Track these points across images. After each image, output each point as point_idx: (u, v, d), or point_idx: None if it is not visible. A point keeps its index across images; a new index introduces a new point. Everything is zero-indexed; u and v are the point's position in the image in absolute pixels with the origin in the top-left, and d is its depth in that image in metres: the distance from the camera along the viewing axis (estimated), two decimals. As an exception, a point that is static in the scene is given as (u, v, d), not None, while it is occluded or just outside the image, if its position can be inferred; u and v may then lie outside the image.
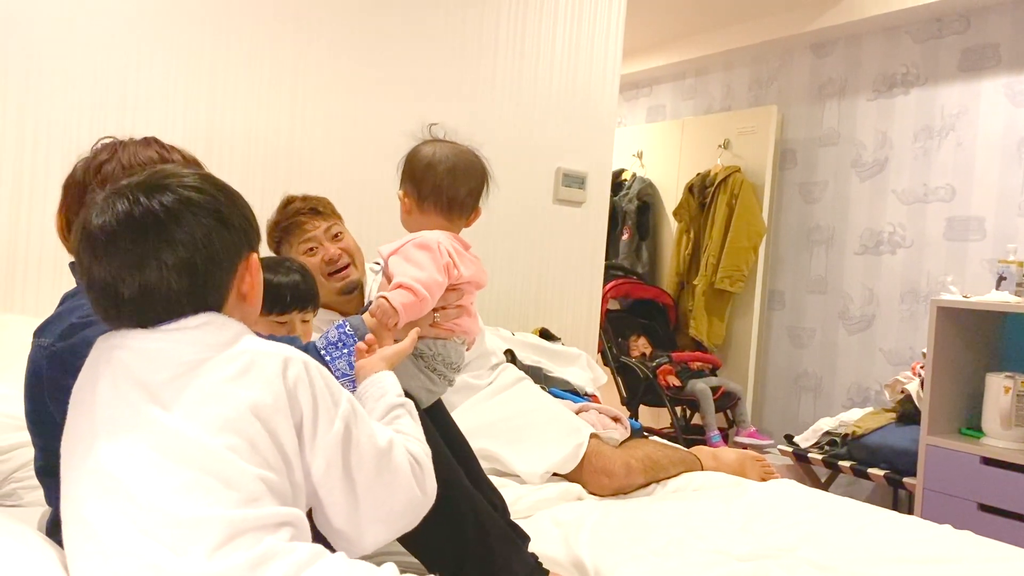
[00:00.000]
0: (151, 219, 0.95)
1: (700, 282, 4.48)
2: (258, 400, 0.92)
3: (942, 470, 2.95)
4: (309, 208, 2.11)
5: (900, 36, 4.02)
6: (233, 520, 0.84)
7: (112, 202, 0.96)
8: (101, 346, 0.99)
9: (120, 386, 0.93)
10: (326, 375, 1.00)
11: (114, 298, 0.95)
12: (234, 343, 0.96)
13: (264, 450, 0.91)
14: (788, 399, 4.49)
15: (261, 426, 0.91)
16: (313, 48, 2.80)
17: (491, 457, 2.04)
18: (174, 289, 0.95)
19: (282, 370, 0.95)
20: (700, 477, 2.18)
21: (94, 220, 0.96)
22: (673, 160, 4.96)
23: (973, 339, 3.10)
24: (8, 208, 2.31)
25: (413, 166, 1.51)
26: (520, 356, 2.81)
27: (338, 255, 2.09)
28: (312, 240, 2.09)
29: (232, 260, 1.00)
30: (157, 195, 0.96)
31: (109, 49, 2.43)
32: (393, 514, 1.02)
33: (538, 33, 3.32)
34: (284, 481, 0.92)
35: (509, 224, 3.26)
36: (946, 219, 3.81)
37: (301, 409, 0.95)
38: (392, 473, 1.02)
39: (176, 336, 0.95)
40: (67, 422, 0.98)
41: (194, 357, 0.94)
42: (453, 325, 1.45)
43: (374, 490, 1.00)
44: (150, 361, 0.94)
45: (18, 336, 2.16)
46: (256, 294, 1.06)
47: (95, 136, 2.39)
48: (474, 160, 1.53)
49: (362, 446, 0.99)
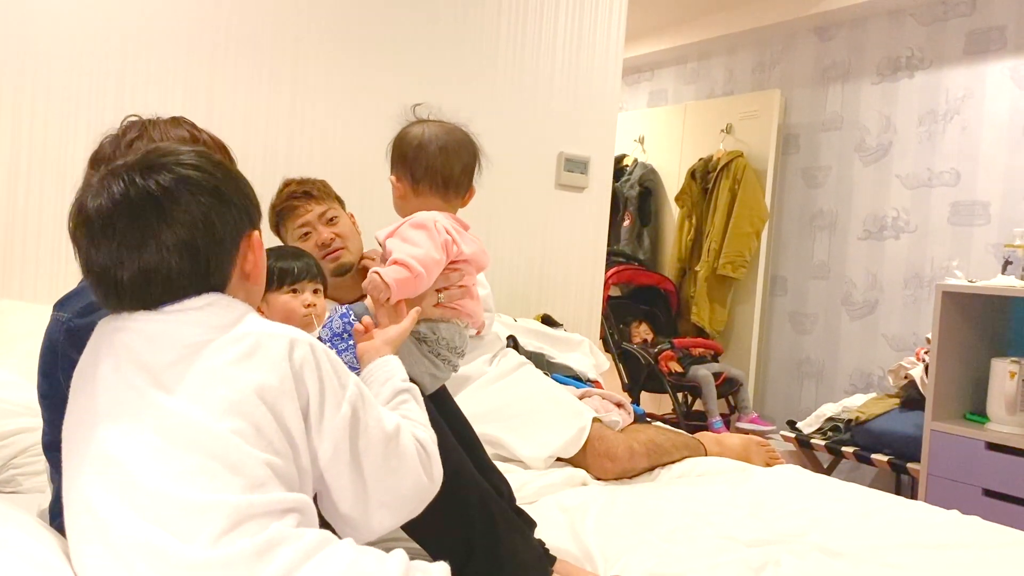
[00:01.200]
0: (148, 200, 0.92)
1: (702, 268, 4.46)
2: (264, 383, 0.90)
3: (946, 456, 2.94)
4: (303, 192, 2.09)
5: (905, 19, 3.98)
6: (239, 506, 0.82)
7: (108, 183, 0.94)
8: (103, 328, 0.97)
9: (122, 369, 0.92)
10: (333, 358, 0.98)
11: (113, 282, 0.93)
12: (238, 323, 0.94)
13: (270, 434, 0.89)
14: (790, 385, 4.48)
15: (267, 409, 0.89)
16: (313, 33, 2.76)
17: (495, 442, 2.03)
18: (175, 270, 0.93)
19: (288, 352, 0.93)
20: (705, 462, 2.17)
21: (90, 203, 0.93)
22: (675, 145, 4.93)
23: (978, 324, 3.08)
24: (6, 193, 2.29)
25: (403, 149, 1.49)
26: (522, 342, 2.79)
27: (331, 239, 2.07)
28: (307, 224, 2.07)
29: (234, 238, 0.98)
30: (154, 175, 0.94)
31: (106, 35, 2.40)
32: (400, 499, 1.00)
33: (540, 17, 3.29)
34: (290, 466, 0.90)
35: (511, 209, 3.24)
36: (951, 204, 3.78)
37: (307, 392, 0.94)
38: (399, 458, 1.00)
39: (179, 318, 0.93)
40: (69, 405, 0.96)
41: (197, 339, 0.92)
42: (457, 306, 1.43)
43: (381, 475, 0.98)
44: (152, 343, 0.92)
45: (17, 322, 2.14)
46: (260, 272, 1.03)
47: (93, 121, 2.39)
48: (464, 137, 1.51)
49: (370, 430, 0.98)
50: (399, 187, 1.50)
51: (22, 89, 2.30)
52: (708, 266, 4.43)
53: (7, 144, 2.28)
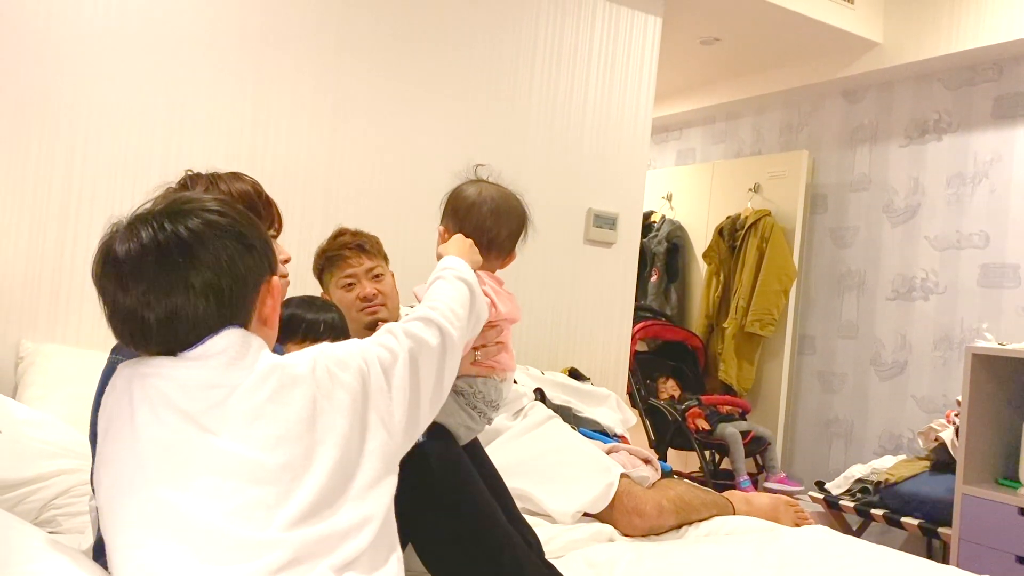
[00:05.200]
0: (177, 244, 0.96)
1: (730, 325, 4.46)
2: (300, 412, 0.94)
3: (979, 520, 2.89)
4: (357, 244, 2.15)
5: (932, 83, 4.03)
6: (293, 543, 0.85)
7: (136, 229, 0.97)
8: (129, 372, 0.99)
9: (161, 415, 0.94)
10: (329, 352, 1.04)
11: (140, 324, 0.96)
12: (258, 361, 0.98)
13: (331, 444, 0.94)
14: (819, 445, 4.43)
15: (318, 425, 0.94)
16: (353, 89, 2.86)
17: (522, 496, 2.03)
18: (201, 311, 0.96)
19: (311, 371, 0.98)
20: (733, 521, 2.16)
21: (118, 247, 0.96)
22: (703, 203, 4.97)
23: (1009, 387, 3.05)
24: (56, 239, 2.37)
25: (457, 204, 1.54)
26: (550, 395, 2.81)
27: (374, 294, 2.11)
28: (353, 276, 2.12)
29: (256, 282, 1.02)
30: (181, 220, 0.97)
31: (153, 82, 2.51)
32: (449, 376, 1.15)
33: (572, 77, 3.38)
34: (361, 452, 0.98)
35: (541, 263, 3.28)
36: (980, 265, 3.78)
37: (349, 381, 1.01)
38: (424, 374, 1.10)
39: (206, 363, 0.96)
40: (102, 449, 0.98)
41: (227, 383, 0.95)
42: (494, 362, 1.46)
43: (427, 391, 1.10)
44: (186, 390, 0.95)
45: (61, 366, 2.20)
46: (275, 318, 1.08)
47: (139, 167, 2.48)
48: (516, 204, 1.56)
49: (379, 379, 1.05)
50: (445, 237, 1.55)
51: (74, 135, 2.40)
52: (736, 323, 4.43)
53: (59, 191, 2.38)
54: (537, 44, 3.28)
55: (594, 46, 3.43)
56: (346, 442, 0.96)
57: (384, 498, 0.98)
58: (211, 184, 1.33)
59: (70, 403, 2.07)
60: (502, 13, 3.19)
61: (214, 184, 1.33)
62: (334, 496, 0.93)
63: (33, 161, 2.35)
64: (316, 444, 0.93)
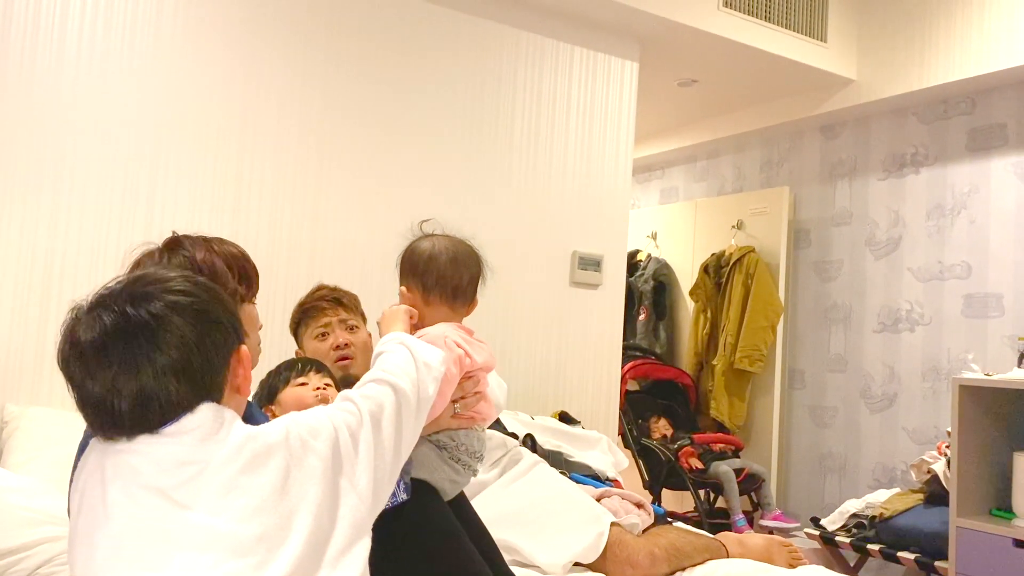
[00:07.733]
0: (141, 328, 0.95)
1: (719, 362, 4.47)
2: (274, 482, 0.95)
3: (974, 553, 2.88)
4: (334, 297, 2.16)
5: (907, 117, 4.09)
6: None
7: (99, 315, 0.97)
8: (102, 448, 0.98)
9: (135, 494, 0.93)
10: (301, 420, 1.04)
11: (110, 412, 0.95)
12: (231, 435, 0.98)
13: (304, 513, 0.94)
14: (813, 480, 4.42)
15: (291, 494, 0.94)
16: (334, 147, 2.89)
17: (511, 548, 2.01)
18: (172, 393, 0.96)
19: (284, 440, 0.98)
20: (727, 564, 2.14)
21: (82, 335, 0.97)
22: (687, 240, 5.01)
23: (998, 417, 3.06)
24: (40, 299, 2.37)
25: (414, 260, 1.55)
26: (540, 440, 2.80)
27: (346, 343, 2.11)
28: (327, 326, 2.12)
29: (224, 356, 1.03)
30: (144, 303, 0.97)
31: (136, 138, 2.54)
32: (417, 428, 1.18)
33: (552, 122, 3.42)
34: (334, 519, 0.98)
35: (526, 307, 3.29)
36: (964, 296, 3.81)
37: (320, 447, 1.01)
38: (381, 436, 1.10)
39: (181, 440, 0.96)
40: (75, 527, 0.96)
41: (201, 458, 0.95)
42: (474, 413, 1.46)
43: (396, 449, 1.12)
44: (159, 466, 0.94)
45: (45, 428, 2.19)
46: (247, 385, 1.08)
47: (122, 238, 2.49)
48: (470, 250, 1.59)
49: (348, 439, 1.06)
50: (409, 297, 1.55)
51: (57, 198, 2.41)
52: (725, 360, 4.43)
53: (43, 251, 2.38)
54: (517, 92, 3.33)
55: (573, 91, 3.48)
56: (319, 510, 0.96)
57: (358, 563, 0.97)
58: (209, 250, 1.33)
59: (56, 466, 2.05)
60: (482, 62, 3.24)
61: (211, 249, 1.33)
62: (310, 565, 0.93)
63: (17, 224, 2.36)
64: (291, 514, 0.93)
